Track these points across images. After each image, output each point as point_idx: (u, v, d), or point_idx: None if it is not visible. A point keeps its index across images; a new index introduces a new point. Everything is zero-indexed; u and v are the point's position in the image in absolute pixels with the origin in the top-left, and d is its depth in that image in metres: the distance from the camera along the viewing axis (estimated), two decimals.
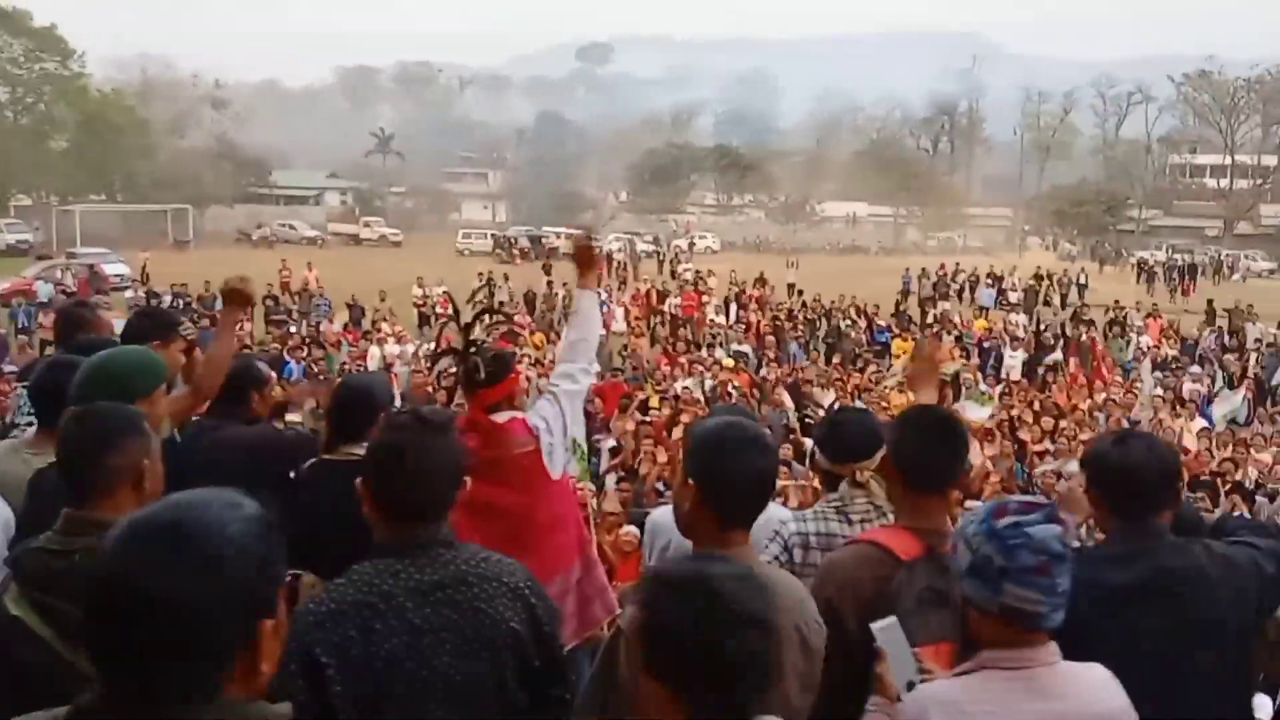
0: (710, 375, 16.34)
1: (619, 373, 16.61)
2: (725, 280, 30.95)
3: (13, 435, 3.68)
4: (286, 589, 1.41)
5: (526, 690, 2.17)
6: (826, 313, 25.42)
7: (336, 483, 2.47)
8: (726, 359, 18.64)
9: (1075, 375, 19.12)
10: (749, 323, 25.30)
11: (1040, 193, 74.96)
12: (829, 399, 14.83)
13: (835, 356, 21.33)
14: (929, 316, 28.32)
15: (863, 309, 25.13)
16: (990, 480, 10.36)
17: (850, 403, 13.64)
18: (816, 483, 4.27)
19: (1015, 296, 31.98)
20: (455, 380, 8.80)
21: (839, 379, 16.87)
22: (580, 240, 3.94)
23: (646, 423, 12.30)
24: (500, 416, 3.37)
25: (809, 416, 13.34)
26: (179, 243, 49.70)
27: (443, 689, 2.04)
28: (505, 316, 7.19)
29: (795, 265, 36.09)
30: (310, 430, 4.11)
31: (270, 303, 26.03)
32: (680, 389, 15.23)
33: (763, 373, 18.19)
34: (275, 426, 4.17)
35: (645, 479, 10.30)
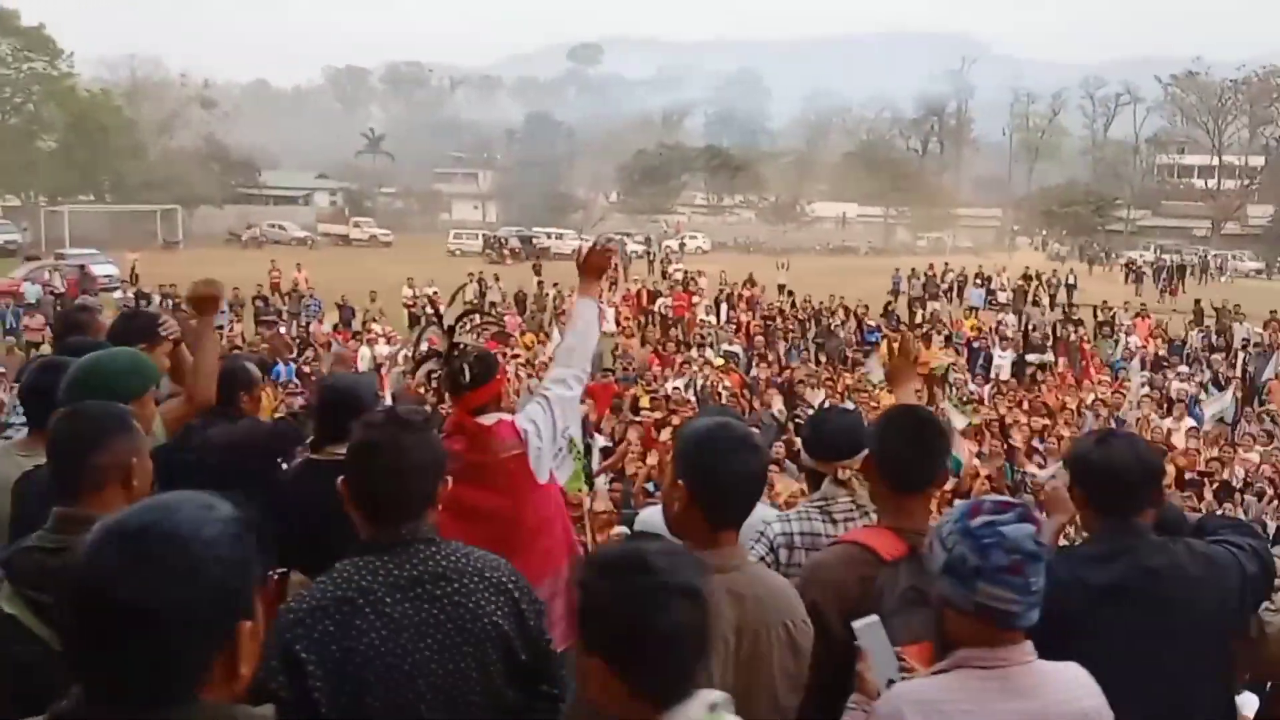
0: (701, 375, 16.37)
1: (610, 373, 16.61)
2: (715, 280, 30.96)
3: (4, 437, 3.68)
4: (271, 588, 1.42)
5: (515, 686, 2.17)
6: (816, 313, 25.47)
7: (322, 482, 2.48)
8: (717, 359, 18.66)
9: (1064, 375, 19.21)
10: (739, 323, 25.33)
11: (1029, 193, 75.19)
12: (819, 399, 14.86)
13: (823, 356, 21.38)
14: (918, 316, 28.39)
15: (852, 309, 25.18)
16: (979, 479, 10.39)
17: (841, 403, 13.67)
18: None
19: (1004, 297, 32.01)
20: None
21: (829, 379, 16.90)
22: (598, 248, 3.79)
23: (637, 422, 12.32)
24: (487, 419, 3.35)
25: (799, 416, 13.36)
26: (168, 243, 49.49)
27: (425, 683, 2.05)
28: (495, 317, 7.21)
29: (785, 266, 36.10)
30: (300, 409, 4.11)
31: (260, 304, 25.97)
32: (671, 389, 15.25)
33: (753, 373, 18.23)
34: (259, 420, 4.17)
35: (634, 479, 10.31)
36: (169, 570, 1.25)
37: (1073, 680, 1.96)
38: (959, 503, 2.05)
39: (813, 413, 3.87)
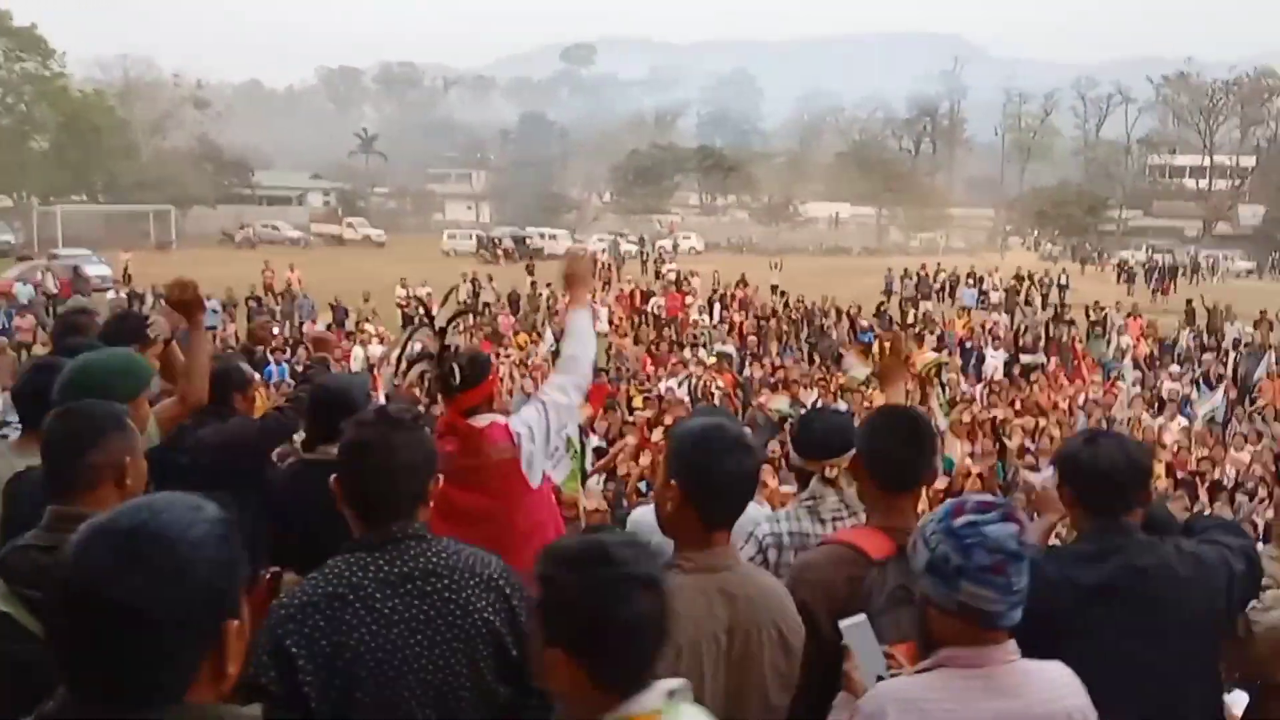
0: (694, 375, 16.36)
1: (604, 373, 16.61)
2: (709, 281, 30.98)
3: (0, 436, 3.67)
4: (265, 587, 1.43)
5: (507, 682, 2.18)
6: (809, 314, 25.49)
7: (315, 482, 2.50)
8: (709, 358, 18.65)
9: (1056, 375, 19.24)
10: (732, 323, 25.35)
11: (1021, 194, 75.26)
12: (812, 399, 14.86)
13: (816, 357, 21.39)
14: (911, 317, 28.41)
15: (845, 310, 25.20)
16: (970, 477, 10.40)
17: (833, 402, 13.68)
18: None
19: (996, 297, 32.08)
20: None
21: (822, 379, 16.91)
22: (572, 259, 3.83)
23: (630, 422, 12.32)
24: (479, 420, 3.33)
25: (792, 416, 13.38)
26: (161, 244, 49.22)
27: (414, 679, 2.05)
28: (488, 319, 7.21)
29: (779, 266, 36.12)
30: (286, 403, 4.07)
31: (253, 304, 25.90)
32: (664, 389, 15.25)
33: (746, 372, 18.23)
34: (250, 419, 4.17)
35: (626, 479, 10.31)
36: (156, 570, 1.25)
37: (1056, 679, 1.96)
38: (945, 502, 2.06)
39: (804, 412, 3.88)
